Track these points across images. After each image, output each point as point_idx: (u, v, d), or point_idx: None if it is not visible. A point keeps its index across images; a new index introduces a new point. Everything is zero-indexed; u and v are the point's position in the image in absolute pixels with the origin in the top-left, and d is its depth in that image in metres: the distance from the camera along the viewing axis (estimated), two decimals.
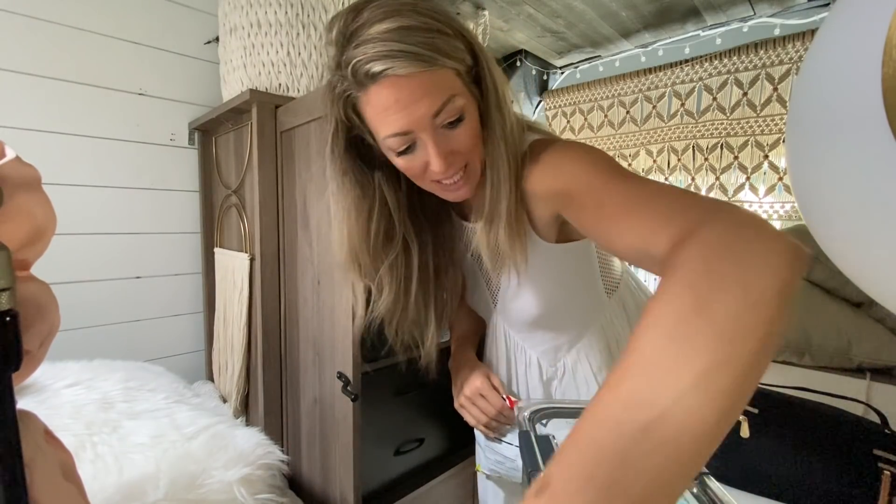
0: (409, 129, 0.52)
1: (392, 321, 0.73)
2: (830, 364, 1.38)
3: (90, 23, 1.26)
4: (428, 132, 0.53)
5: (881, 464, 0.67)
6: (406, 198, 0.68)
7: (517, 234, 0.61)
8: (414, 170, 0.58)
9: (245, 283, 1.13)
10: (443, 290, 0.76)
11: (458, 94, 0.53)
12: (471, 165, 0.59)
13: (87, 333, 1.30)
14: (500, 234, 0.61)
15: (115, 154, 1.33)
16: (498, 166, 0.59)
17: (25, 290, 0.36)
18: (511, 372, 0.83)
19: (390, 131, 0.53)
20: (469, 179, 0.60)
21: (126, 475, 0.76)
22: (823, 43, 0.61)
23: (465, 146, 0.56)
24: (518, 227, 0.61)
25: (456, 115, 0.53)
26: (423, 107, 0.51)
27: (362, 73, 0.50)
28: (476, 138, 0.58)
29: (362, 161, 0.63)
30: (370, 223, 0.65)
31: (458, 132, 0.55)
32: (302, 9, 1.06)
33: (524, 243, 0.63)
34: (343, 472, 0.94)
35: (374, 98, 0.52)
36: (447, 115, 0.53)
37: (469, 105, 0.55)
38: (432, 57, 0.50)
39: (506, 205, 0.59)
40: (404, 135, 0.53)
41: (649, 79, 2.02)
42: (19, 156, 0.37)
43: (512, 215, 0.60)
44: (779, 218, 1.73)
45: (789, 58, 1.64)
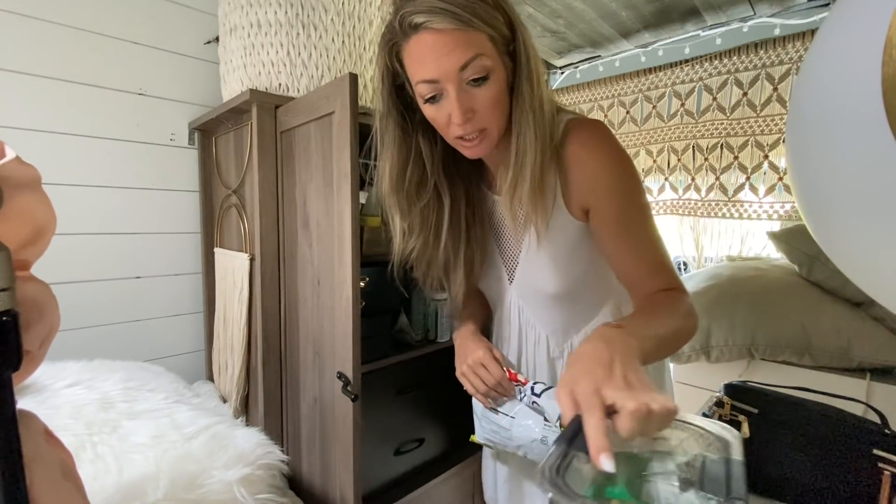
0: (436, 77, 0.59)
1: (421, 262, 0.79)
2: (830, 364, 1.38)
3: (90, 23, 1.26)
4: (453, 84, 0.59)
5: (881, 464, 0.67)
6: (441, 152, 0.74)
7: (540, 199, 0.66)
8: (439, 121, 0.64)
9: (245, 283, 1.13)
10: (474, 242, 0.80)
11: (486, 56, 0.59)
12: (489, 130, 0.64)
13: (87, 333, 1.30)
14: (523, 197, 0.66)
15: (115, 154, 1.33)
16: (525, 134, 0.64)
17: (25, 290, 0.36)
18: (521, 348, 0.85)
19: (421, 77, 0.60)
20: (485, 141, 0.65)
21: (126, 475, 0.76)
22: (823, 43, 0.61)
23: (485, 107, 0.61)
24: (541, 194, 0.66)
25: (482, 73, 0.59)
26: (452, 59, 0.57)
27: (407, 23, 0.58)
28: (498, 104, 0.63)
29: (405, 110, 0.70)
30: (406, 167, 0.72)
31: (482, 91, 0.60)
32: (302, 9, 1.06)
33: (546, 209, 0.68)
34: (343, 472, 0.94)
35: (413, 46, 0.59)
36: (473, 70, 0.58)
37: (497, 70, 0.61)
38: (469, 19, 0.56)
39: (531, 170, 0.64)
40: (432, 82, 0.60)
41: (649, 79, 2.02)
42: (19, 156, 0.37)
43: (535, 181, 0.65)
44: (779, 218, 1.73)
45: (789, 58, 1.64)
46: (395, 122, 0.70)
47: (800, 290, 1.47)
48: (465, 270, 0.80)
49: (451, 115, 0.61)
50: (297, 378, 1.10)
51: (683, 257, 2.17)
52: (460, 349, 0.83)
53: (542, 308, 0.80)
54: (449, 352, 1.20)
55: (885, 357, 1.32)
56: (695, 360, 1.53)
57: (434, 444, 1.23)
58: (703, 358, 1.51)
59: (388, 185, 0.73)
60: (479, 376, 0.77)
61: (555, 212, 0.70)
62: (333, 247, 0.93)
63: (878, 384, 1.30)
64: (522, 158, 0.65)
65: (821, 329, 1.38)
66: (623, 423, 0.40)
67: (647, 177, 2.06)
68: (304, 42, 1.07)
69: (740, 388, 0.86)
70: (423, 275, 0.81)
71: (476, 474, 1.29)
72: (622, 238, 0.67)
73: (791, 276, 1.54)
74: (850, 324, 1.37)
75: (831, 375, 1.37)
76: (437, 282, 0.82)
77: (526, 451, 0.76)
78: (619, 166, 0.67)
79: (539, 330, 0.82)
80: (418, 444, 1.18)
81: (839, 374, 1.36)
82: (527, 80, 0.63)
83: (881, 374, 1.34)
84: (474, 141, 0.64)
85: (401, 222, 0.75)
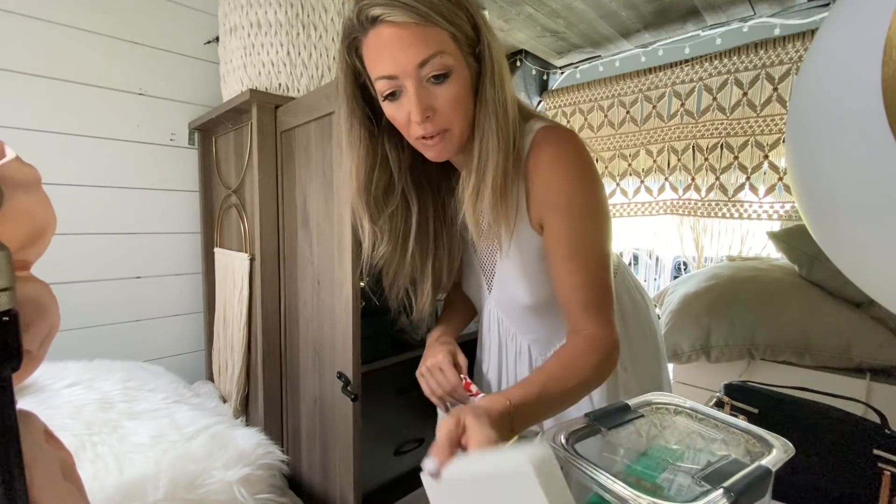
0: (395, 73, 0.57)
1: (388, 272, 0.77)
2: (830, 364, 1.38)
3: (90, 23, 1.26)
4: (412, 80, 0.57)
5: (881, 464, 0.67)
6: (409, 158, 0.71)
7: (502, 208, 0.64)
8: (399, 119, 0.61)
9: (245, 283, 1.13)
10: (442, 252, 0.78)
11: (448, 54, 0.57)
12: (451, 131, 0.61)
13: (87, 333, 1.30)
14: (484, 204, 0.63)
15: (115, 154, 1.33)
16: (488, 138, 0.61)
17: (25, 290, 0.36)
18: (501, 359, 0.83)
19: (379, 73, 0.58)
20: (445, 142, 0.62)
21: (126, 475, 0.76)
22: (823, 43, 0.61)
23: (446, 106, 0.59)
24: (503, 202, 0.63)
25: (442, 71, 0.57)
26: (410, 55, 0.55)
27: (364, 16, 0.57)
28: (460, 104, 0.60)
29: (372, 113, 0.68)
30: (373, 172, 0.69)
31: (442, 90, 0.58)
32: (302, 9, 1.06)
33: (509, 218, 0.65)
34: (343, 472, 0.94)
35: (372, 41, 0.57)
36: (432, 67, 0.56)
37: (459, 69, 0.58)
38: (427, 13, 0.55)
39: (492, 176, 0.62)
40: (391, 78, 0.57)
41: (649, 79, 2.02)
42: (19, 156, 0.37)
43: (497, 187, 0.62)
44: (779, 218, 1.73)
45: (789, 58, 1.64)
46: (359, 123, 0.67)
47: (800, 290, 1.47)
48: (432, 282, 0.78)
49: (411, 113, 0.59)
50: (297, 378, 1.10)
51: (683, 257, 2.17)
52: (426, 351, 0.80)
53: (520, 319, 0.78)
54: None
55: (885, 357, 1.32)
56: (695, 360, 1.53)
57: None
58: (703, 358, 1.51)
59: (355, 189, 0.70)
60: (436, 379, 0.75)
61: (518, 223, 0.67)
62: (333, 247, 0.93)
63: (878, 384, 1.30)
64: (485, 164, 0.62)
65: (821, 329, 1.38)
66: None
67: (648, 177, 2.07)
68: (304, 42, 1.07)
69: (740, 388, 0.86)
70: (390, 285, 0.78)
71: None
72: (565, 263, 0.63)
73: (791, 276, 1.54)
74: (850, 324, 1.37)
75: (831, 375, 1.37)
76: (404, 292, 0.79)
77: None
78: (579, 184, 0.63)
79: (520, 340, 0.80)
80: (418, 444, 1.18)
81: (839, 374, 1.36)
82: (490, 82, 0.61)
83: (881, 374, 1.33)
84: (435, 139, 0.61)
85: (370, 227, 0.72)
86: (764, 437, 0.48)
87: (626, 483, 0.41)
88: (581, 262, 0.63)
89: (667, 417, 0.59)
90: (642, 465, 0.48)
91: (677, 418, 0.58)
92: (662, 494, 0.43)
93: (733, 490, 0.39)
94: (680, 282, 1.78)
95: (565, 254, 0.64)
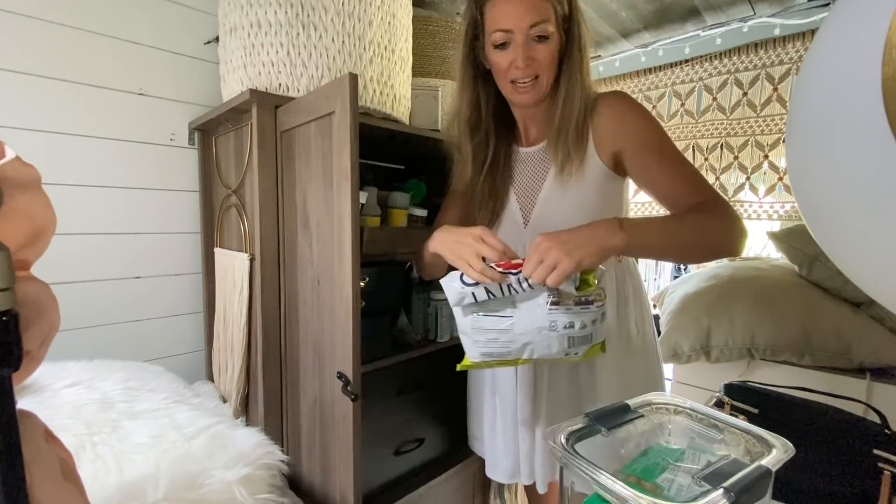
0: (511, 27, 0.77)
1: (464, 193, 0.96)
2: (830, 364, 1.38)
3: (90, 23, 1.26)
4: (522, 35, 0.77)
5: (881, 464, 0.67)
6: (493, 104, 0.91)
7: (580, 143, 0.83)
8: (502, 65, 0.81)
9: (245, 283, 1.13)
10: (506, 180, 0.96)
11: (550, 23, 0.78)
12: (541, 79, 0.81)
13: (87, 333, 1.30)
14: (568, 136, 0.83)
15: (115, 154, 1.33)
16: (573, 91, 0.82)
17: (25, 290, 0.36)
18: None
19: (498, 26, 0.78)
20: (535, 88, 0.82)
21: (126, 475, 0.76)
22: (823, 43, 0.61)
23: (541, 59, 0.79)
24: (580, 139, 0.83)
25: (544, 33, 0.78)
26: (526, 17, 0.76)
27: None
28: (551, 61, 0.80)
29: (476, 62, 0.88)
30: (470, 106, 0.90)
31: (541, 47, 0.79)
32: (302, 9, 1.06)
33: (583, 151, 0.84)
34: (343, 472, 0.94)
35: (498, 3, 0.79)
36: (538, 30, 0.77)
37: (554, 36, 0.79)
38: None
39: (575, 119, 0.82)
40: (506, 31, 0.78)
41: (649, 79, 2.02)
42: (19, 156, 0.37)
43: (578, 128, 0.83)
44: (779, 218, 1.73)
45: (789, 58, 1.64)
46: (467, 68, 0.88)
47: (800, 290, 1.47)
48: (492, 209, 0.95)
49: (516, 60, 0.78)
50: (297, 378, 1.10)
51: None
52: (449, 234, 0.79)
53: None
54: (449, 352, 1.20)
55: (885, 357, 1.32)
56: (695, 360, 1.53)
57: (434, 444, 1.24)
58: (703, 358, 1.51)
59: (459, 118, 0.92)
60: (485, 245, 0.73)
61: (587, 156, 0.84)
62: (333, 247, 0.93)
63: (878, 384, 1.30)
64: (570, 108, 0.82)
65: (821, 329, 1.38)
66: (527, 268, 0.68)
67: None
68: (304, 42, 1.07)
69: (740, 388, 0.86)
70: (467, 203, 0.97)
71: (476, 474, 1.29)
72: (659, 162, 0.80)
73: (791, 276, 1.54)
74: (850, 324, 1.37)
75: (831, 375, 1.37)
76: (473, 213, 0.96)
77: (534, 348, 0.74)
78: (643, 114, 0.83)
79: None
80: (418, 444, 1.19)
81: (839, 374, 1.36)
82: (578, 49, 0.81)
83: (881, 374, 1.33)
84: (528, 85, 0.81)
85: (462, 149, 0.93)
86: (764, 437, 0.48)
87: (626, 483, 0.41)
88: (671, 157, 0.80)
89: (667, 417, 0.59)
90: (642, 465, 0.48)
91: (677, 418, 0.58)
92: (662, 494, 0.44)
93: (733, 490, 0.39)
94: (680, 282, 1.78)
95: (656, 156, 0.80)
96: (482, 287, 0.72)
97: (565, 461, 0.45)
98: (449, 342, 1.23)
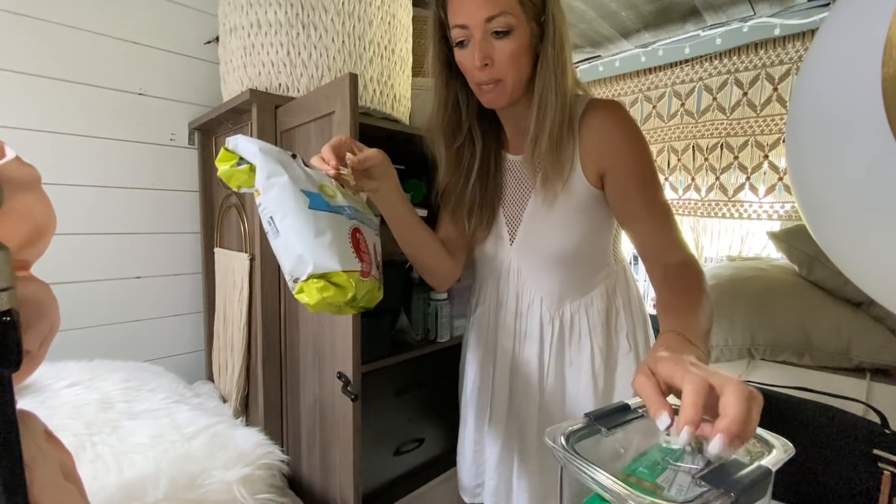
0: (466, 23, 0.68)
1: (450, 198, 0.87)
2: (830, 364, 1.38)
3: (90, 23, 1.26)
4: (479, 30, 0.68)
5: (881, 464, 0.67)
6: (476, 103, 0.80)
7: (558, 154, 0.73)
8: (465, 65, 0.72)
9: (245, 283, 1.13)
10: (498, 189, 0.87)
11: (512, 15, 0.67)
12: (504, 82, 0.71)
13: (87, 333, 1.30)
14: (542, 149, 0.73)
15: (115, 154, 1.33)
16: (546, 94, 0.71)
17: (25, 290, 0.36)
18: (517, 311, 0.87)
19: (454, 21, 0.70)
20: (500, 90, 0.72)
21: (126, 475, 0.76)
22: (823, 43, 0.61)
23: (502, 58, 0.69)
24: (559, 152, 0.73)
25: (504, 28, 0.67)
26: (481, 10, 0.66)
27: None
28: (515, 60, 0.70)
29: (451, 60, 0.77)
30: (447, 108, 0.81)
31: (502, 44, 0.68)
32: (302, 9, 1.06)
33: (563, 165, 0.74)
34: (343, 472, 0.94)
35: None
36: (497, 24, 0.67)
37: (520, 30, 0.68)
38: None
39: (549, 127, 0.71)
40: (462, 28, 0.69)
41: (649, 79, 2.02)
42: (19, 156, 0.37)
43: (554, 138, 0.72)
44: (779, 218, 1.73)
45: (789, 58, 1.64)
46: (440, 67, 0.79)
47: (800, 290, 1.47)
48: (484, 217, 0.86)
49: (473, 58, 0.69)
50: (297, 378, 1.10)
51: None
52: None
53: (540, 269, 0.83)
54: (449, 352, 1.20)
55: (885, 357, 1.32)
56: None
57: (434, 444, 1.24)
58: None
59: (433, 120, 0.83)
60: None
61: (571, 173, 0.75)
62: None
63: (878, 384, 1.30)
64: (543, 115, 0.72)
65: (821, 329, 1.38)
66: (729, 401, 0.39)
67: None
68: (304, 42, 1.07)
69: None
70: (451, 211, 0.88)
71: None
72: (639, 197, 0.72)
73: (791, 276, 1.54)
74: (850, 324, 1.37)
75: (831, 375, 1.37)
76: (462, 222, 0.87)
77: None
78: (634, 135, 0.73)
79: (534, 292, 0.84)
80: (418, 444, 1.19)
81: (839, 374, 1.36)
82: (552, 45, 0.70)
83: (881, 374, 1.33)
84: (490, 86, 0.72)
85: (443, 154, 0.84)
86: (764, 437, 0.48)
87: (626, 483, 0.41)
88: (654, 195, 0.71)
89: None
90: (642, 465, 0.48)
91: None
92: (662, 494, 0.43)
93: (733, 490, 0.39)
94: None
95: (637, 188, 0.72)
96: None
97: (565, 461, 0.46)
98: (449, 342, 1.23)
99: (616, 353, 0.85)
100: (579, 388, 0.84)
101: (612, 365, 0.85)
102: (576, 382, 0.84)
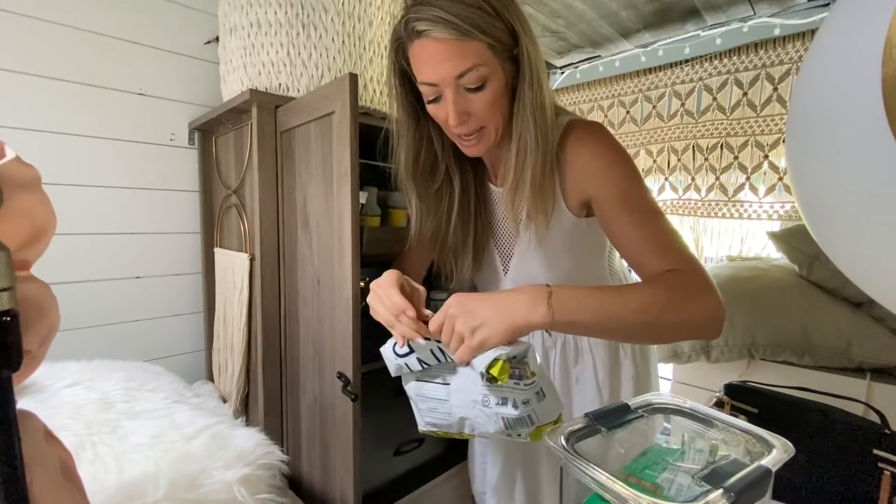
0: (434, 81, 0.63)
1: (436, 242, 0.83)
2: (830, 364, 1.38)
3: (90, 23, 1.26)
4: (450, 89, 0.63)
5: (881, 464, 0.67)
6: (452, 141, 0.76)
7: (540, 200, 0.69)
8: (439, 119, 0.69)
9: (245, 283, 1.13)
10: (479, 228, 0.84)
11: (484, 65, 0.62)
12: (486, 129, 0.68)
13: (87, 333, 1.30)
14: (524, 198, 0.69)
15: (115, 154, 1.33)
16: (526, 137, 0.66)
17: (25, 289, 0.35)
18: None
19: (422, 79, 0.65)
20: (482, 140, 0.69)
21: (126, 475, 0.76)
22: (823, 43, 0.61)
23: (481, 111, 0.65)
24: (541, 195, 0.69)
25: (477, 83, 0.63)
26: (448, 68, 0.61)
27: (411, 28, 0.62)
28: (495, 107, 0.66)
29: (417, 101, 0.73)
30: (420, 152, 0.76)
31: (478, 98, 0.64)
32: (302, 9, 1.06)
33: (546, 209, 0.70)
34: (343, 472, 0.94)
35: (416, 51, 0.64)
36: (469, 79, 0.62)
37: (495, 77, 0.64)
38: (468, 30, 0.59)
39: (531, 172, 0.67)
40: (431, 86, 0.64)
41: (649, 79, 2.02)
42: (19, 156, 0.37)
43: (536, 182, 0.68)
44: (779, 218, 1.73)
45: (789, 58, 1.64)
46: (407, 111, 0.74)
47: (800, 290, 1.47)
48: (473, 255, 0.83)
49: (448, 117, 0.65)
50: (297, 378, 1.10)
51: None
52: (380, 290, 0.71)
53: None
54: None
55: (885, 357, 1.32)
56: (695, 360, 1.53)
57: (434, 444, 1.24)
58: (703, 358, 1.51)
59: (404, 168, 0.77)
60: (381, 298, 0.66)
61: (554, 209, 0.72)
62: (333, 247, 0.93)
63: (878, 384, 1.30)
64: (523, 162, 0.67)
65: (821, 329, 1.38)
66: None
67: (647, 177, 2.06)
68: (304, 42, 1.07)
69: (740, 388, 0.86)
70: (438, 255, 0.85)
71: None
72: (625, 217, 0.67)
73: (791, 276, 1.54)
74: (850, 324, 1.37)
75: (831, 375, 1.37)
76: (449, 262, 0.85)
77: (472, 424, 0.65)
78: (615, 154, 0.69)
79: None
80: (418, 444, 1.19)
81: (839, 374, 1.36)
82: (528, 86, 0.65)
83: (881, 374, 1.33)
84: (472, 139, 0.68)
85: (417, 203, 0.79)
86: (764, 437, 0.48)
87: (626, 483, 0.41)
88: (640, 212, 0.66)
89: (667, 417, 0.59)
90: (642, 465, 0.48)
91: (677, 418, 0.58)
92: (662, 494, 0.44)
93: (733, 490, 0.39)
94: None
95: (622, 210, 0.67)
96: (414, 357, 0.65)
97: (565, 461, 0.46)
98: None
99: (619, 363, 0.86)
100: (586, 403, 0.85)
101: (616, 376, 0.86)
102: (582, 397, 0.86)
